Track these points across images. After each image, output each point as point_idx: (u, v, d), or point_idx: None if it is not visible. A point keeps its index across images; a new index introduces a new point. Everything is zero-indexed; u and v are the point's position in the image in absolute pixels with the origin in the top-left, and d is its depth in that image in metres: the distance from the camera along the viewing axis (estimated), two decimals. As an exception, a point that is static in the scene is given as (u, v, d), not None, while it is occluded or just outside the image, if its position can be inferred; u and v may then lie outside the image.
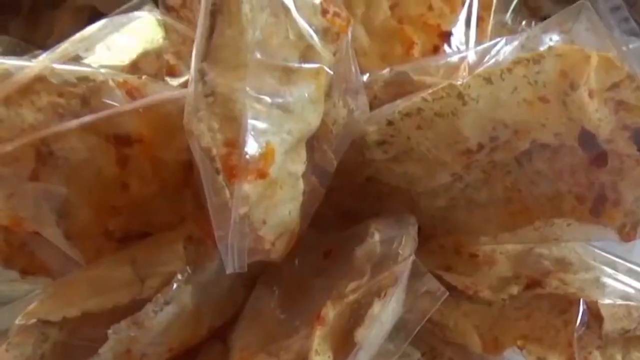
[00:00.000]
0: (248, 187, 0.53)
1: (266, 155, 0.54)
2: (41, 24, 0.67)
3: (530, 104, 0.60)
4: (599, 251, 0.71)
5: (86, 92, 0.62)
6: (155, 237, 0.65)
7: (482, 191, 0.65)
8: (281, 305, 0.63)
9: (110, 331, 0.58)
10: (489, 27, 0.76)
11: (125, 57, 0.71)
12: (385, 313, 0.56)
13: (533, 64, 0.59)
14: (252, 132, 0.53)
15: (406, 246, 0.59)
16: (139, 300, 0.60)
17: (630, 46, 0.73)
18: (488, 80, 0.60)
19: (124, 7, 0.75)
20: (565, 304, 0.66)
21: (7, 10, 0.95)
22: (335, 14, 0.58)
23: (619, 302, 0.66)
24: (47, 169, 0.61)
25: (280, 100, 0.55)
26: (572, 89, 0.60)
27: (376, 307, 0.56)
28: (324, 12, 0.58)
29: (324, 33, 0.58)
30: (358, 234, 0.62)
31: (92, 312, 0.60)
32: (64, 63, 0.62)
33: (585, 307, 0.65)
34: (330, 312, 0.56)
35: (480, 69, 0.61)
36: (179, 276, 0.60)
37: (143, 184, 0.64)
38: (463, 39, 0.74)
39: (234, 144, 0.53)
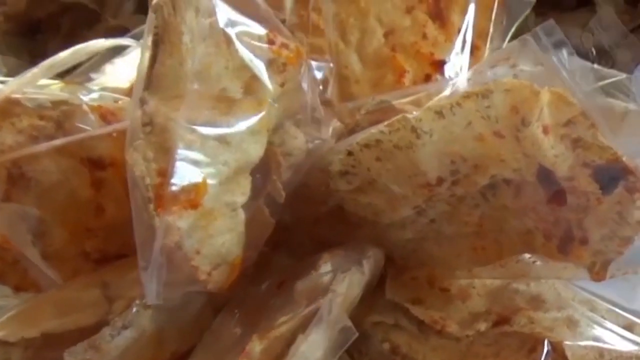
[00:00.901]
0: (173, 217, 0.52)
1: (198, 186, 0.53)
2: (77, 44, 0.68)
3: (485, 138, 0.58)
4: (580, 290, 0.68)
5: (60, 116, 0.63)
6: (128, 260, 0.64)
7: (450, 225, 0.63)
8: (240, 324, 0.62)
9: (66, 353, 0.57)
10: (485, 56, 0.73)
11: (126, 80, 0.71)
12: (310, 349, 0.54)
13: (482, 99, 0.56)
14: (183, 163, 0.52)
15: (342, 281, 0.57)
16: (105, 322, 0.59)
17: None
18: (439, 114, 0.57)
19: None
20: (534, 342, 0.63)
21: (48, 29, 0.98)
22: (283, 45, 0.57)
23: (592, 343, 0.63)
24: (18, 190, 0.62)
25: (216, 131, 0.54)
26: (523, 125, 0.57)
27: (299, 342, 0.54)
28: (270, 42, 0.56)
29: (270, 64, 0.56)
30: (310, 264, 0.60)
31: (55, 333, 0.60)
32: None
33: (549, 347, 0.62)
34: (256, 346, 0.55)
35: (431, 102, 0.59)
36: (137, 300, 0.59)
37: (118, 207, 0.64)
38: (459, 68, 0.72)
39: (166, 173, 0.52)
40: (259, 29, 0.56)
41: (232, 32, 0.55)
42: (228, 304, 0.64)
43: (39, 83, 0.64)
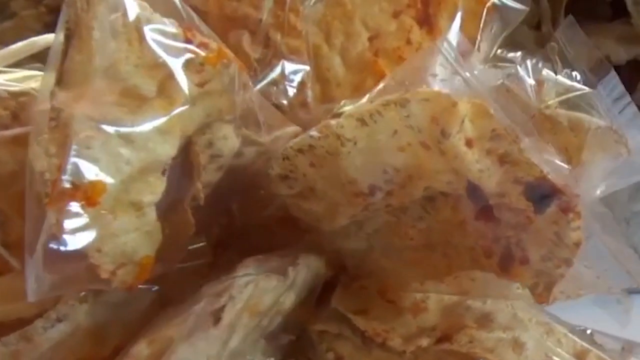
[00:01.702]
0: (62, 214, 0.50)
1: (94, 184, 0.51)
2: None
3: (414, 149, 0.54)
4: (538, 312, 0.64)
5: (17, 107, 0.62)
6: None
7: (395, 236, 0.60)
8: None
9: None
10: (473, 61, 0.69)
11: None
12: (191, 354, 0.53)
13: (400, 108, 0.53)
14: (79, 159, 0.50)
15: (243, 288, 0.54)
16: (46, 315, 0.60)
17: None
18: (362, 121, 0.54)
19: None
20: (473, 362, 0.60)
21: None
22: (202, 45, 0.54)
23: (534, 367, 0.60)
24: (-28, 180, 0.62)
25: (121, 129, 0.52)
26: (443, 137, 0.53)
27: (175, 346, 0.53)
28: (187, 41, 0.54)
29: (187, 63, 0.54)
30: (231, 269, 0.58)
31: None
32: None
33: (484, 368, 0.59)
34: (143, 350, 0.54)
35: (352, 108, 0.56)
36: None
37: (75, 198, 0.63)
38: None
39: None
40: (173, 27, 0.54)
41: (145, 29, 0.53)
42: (173, 302, 0.62)
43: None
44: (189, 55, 0.54)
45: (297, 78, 0.65)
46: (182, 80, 0.54)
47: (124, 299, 0.61)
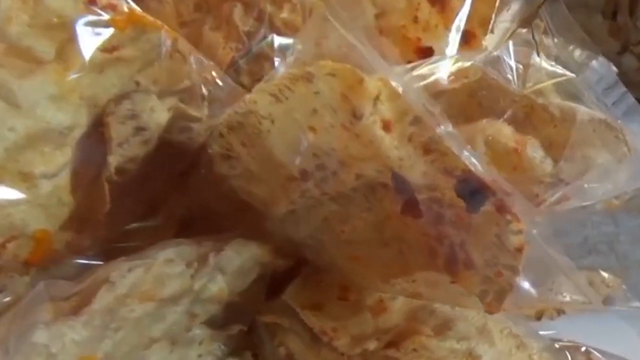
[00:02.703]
0: None
1: None
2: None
3: (337, 131, 0.48)
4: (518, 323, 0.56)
5: None
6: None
7: (344, 227, 0.52)
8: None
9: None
10: (484, 45, 0.60)
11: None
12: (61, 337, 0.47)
13: (307, 82, 0.47)
14: None
15: (125, 273, 0.48)
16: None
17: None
18: (274, 96, 0.48)
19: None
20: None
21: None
22: (109, 7, 0.49)
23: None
24: None
25: (6, 93, 0.47)
26: (355, 118, 0.46)
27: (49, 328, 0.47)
28: (91, 2, 0.48)
29: (88, 26, 0.49)
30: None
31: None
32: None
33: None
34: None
35: (263, 82, 0.50)
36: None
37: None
38: (449, 57, 0.60)
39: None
40: (75, -15, 0.49)
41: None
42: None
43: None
44: (91, 17, 0.49)
45: (291, 54, 0.59)
46: (85, 44, 0.49)
47: (70, 274, 0.57)
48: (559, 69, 0.54)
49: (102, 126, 0.51)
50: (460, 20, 0.60)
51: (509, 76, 0.53)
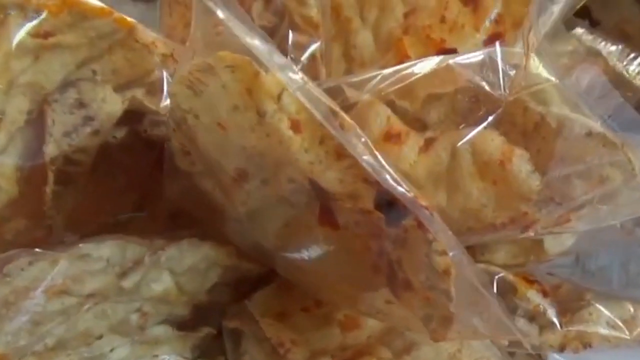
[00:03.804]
0: None
1: None
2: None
3: (248, 128, 0.42)
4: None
5: None
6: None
7: (302, 233, 0.46)
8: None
9: None
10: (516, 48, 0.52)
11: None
12: None
13: (211, 75, 0.41)
14: None
15: (26, 268, 0.45)
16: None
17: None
18: (192, 90, 0.43)
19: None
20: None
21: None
22: None
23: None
24: None
25: None
26: (259, 115, 0.41)
27: None
28: None
29: (17, 9, 0.45)
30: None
31: None
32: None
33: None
34: None
35: (179, 72, 0.44)
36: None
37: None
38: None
39: None
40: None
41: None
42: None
43: None
44: (22, 1, 0.46)
45: (306, 52, 0.55)
46: (12, 28, 0.46)
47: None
48: (543, 72, 0.46)
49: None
50: (491, 21, 0.53)
51: (495, 80, 0.46)
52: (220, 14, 0.40)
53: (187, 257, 0.49)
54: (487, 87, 0.46)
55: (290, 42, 0.54)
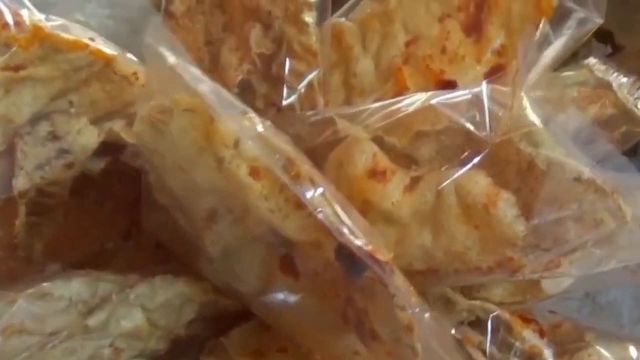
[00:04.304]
0: None
1: None
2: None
3: (210, 171, 0.41)
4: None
5: None
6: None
7: (275, 274, 0.44)
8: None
9: None
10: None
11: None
12: None
13: (170, 117, 0.40)
14: None
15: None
16: None
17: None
18: (156, 129, 0.41)
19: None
20: None
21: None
22: (14, 25, 0.44)
23: None
24: None
25: None
26: (216, 162, 0.40)
27: None
28: None
29: None
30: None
31: None
32: None
33: None
34: None
35: (142, 113, 0.42)
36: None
37: None
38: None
39: None
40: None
41: None
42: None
43: None
44: None
45: (304, 80, 0.53)
46: None
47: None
48: (529, 113, 0.44)
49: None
50: (493, 52, 0.51)
51: (482, 120, 0.44)
52: (170, 60, 0.39)
53: (160, 293, 0.47)
54: (472, 128, 0.44)
55: (287, 69, 0.52)
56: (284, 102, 0.52)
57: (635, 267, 0.49)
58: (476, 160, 0.44)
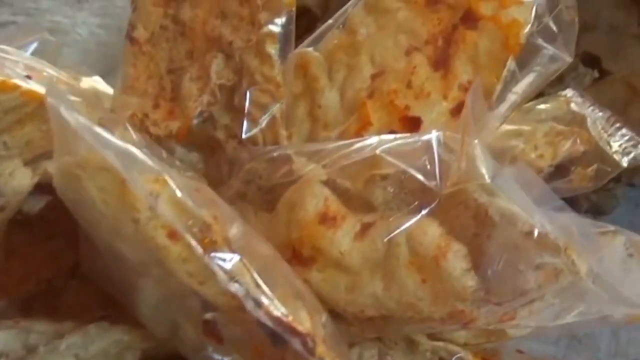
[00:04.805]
0: None
1: None
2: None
3: (130, 234, 0.39)
4: None
5: None
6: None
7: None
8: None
9: None
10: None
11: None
12: None
13: (84, 173, 0.38)
14: None
15: None
16: None
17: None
18: (73, 182, 0.39)
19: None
20: None
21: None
22: None
23: None
24: None
25: None
26: (133, 222, 0.37)
27: None
28: None
29: None
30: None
31: None
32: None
33: None
34: None
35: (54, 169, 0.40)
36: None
37: None
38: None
39: None
40: None
41: None
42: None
43: None
44: None
45: (266, 113, 0.51)
46: None
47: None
48: (479, 164, 0.41)
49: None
50: (460, 88, 0.49)
51: (432, 169, 0.42)
52: (72, 122, 0.37)
53: (95, 342, 0.44)
54: (421, 178, 0.42)
55: (249, 101, 0.50)
56: (245, 135, 0.50)
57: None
58: (425, 211, 0.42)
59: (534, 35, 0.49)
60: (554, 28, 0.49)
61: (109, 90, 0.57)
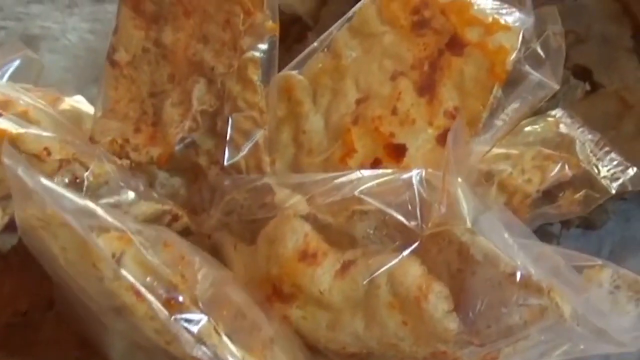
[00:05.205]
0: None
1: None
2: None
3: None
4: None
5: None
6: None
7: None
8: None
9: None
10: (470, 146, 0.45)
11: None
12: None
13: (47, 226, 0.37)
14: None
15: None
16: None
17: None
18: (37, 233, 0.37)
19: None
20: None
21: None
22: None
23: None
24: None
25: None
26: (98, 280, 0.36)
27: None
28: None
29: None
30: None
31: None
32: None
33: None
34: None
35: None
36: None
37: None
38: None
39: None
40: None
41: None
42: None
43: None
44: None
45: (249, 139, 0.49)
46: None
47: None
48: (465, 212, 0.40)
49: None
50: (445, 115, 0.47)
51: (412, 209, 0.40)
52: (29, 183, 0.35)
53: None
54: (402, 219, 0.41)
55: (232, 127, 0.49)
56: (227, 162, 0.49)
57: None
58: (406, 252, 0.41)
59: (520, 62, 0.48)
60: (542, 54, 0.48)
61: (91, 109, 0.55)
